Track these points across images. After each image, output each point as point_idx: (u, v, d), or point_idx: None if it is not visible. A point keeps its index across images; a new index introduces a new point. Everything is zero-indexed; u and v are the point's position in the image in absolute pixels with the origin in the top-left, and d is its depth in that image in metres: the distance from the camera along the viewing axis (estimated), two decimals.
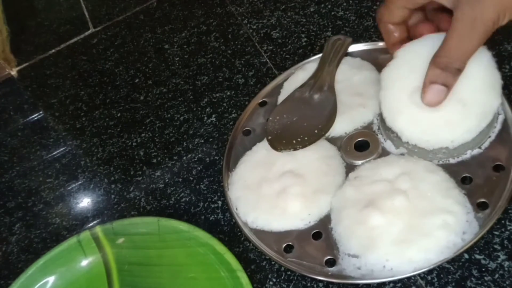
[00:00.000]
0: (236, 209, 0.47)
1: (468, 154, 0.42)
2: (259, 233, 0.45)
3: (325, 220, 0.44)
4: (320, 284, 0.43)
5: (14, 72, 0.71)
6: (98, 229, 0.48)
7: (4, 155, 0.63)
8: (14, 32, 0.75)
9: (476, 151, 0.42)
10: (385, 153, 0.46)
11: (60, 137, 0.63)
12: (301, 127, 0.48)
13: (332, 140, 0.48)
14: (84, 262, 0.48)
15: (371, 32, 0.58)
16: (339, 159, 0.47)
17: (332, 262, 0.42)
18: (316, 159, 0.47)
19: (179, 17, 0.71)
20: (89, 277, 0.48)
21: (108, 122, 0.62)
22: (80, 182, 0.58)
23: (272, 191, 0.46)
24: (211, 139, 0.56)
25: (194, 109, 0.60)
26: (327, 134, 0.48)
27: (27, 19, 0.79)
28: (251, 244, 0.46)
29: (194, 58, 0.65)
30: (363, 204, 0.42)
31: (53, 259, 0.47)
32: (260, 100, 0.55)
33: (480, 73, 0.41)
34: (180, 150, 0.57)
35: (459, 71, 0.40)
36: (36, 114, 0.67)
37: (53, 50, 0.73)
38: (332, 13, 0.62)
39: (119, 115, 0.62)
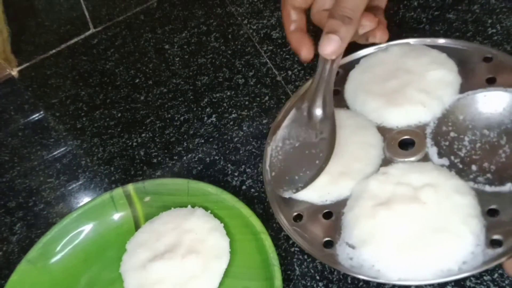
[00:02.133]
0: (267, 164, 0.47)
1: (508, 188, 0.40)
2: (277, 195, 0.46)
3: (341, 204, 0.44)
4: (314, 261, 0.44)
5: (14, 72, 0.72)
6: (130, 187, 0.50)
7: (5, 155, 0.63)
8: (15, 32, 0.75)
9: None
10: (426, 158, 0.44)
11: (61, 137, 0.63)
12: (303, 157, 0.46)
13: (381, 130, 0.47)
14: (116, 217, 0.50)
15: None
16: (380, 151, 0.46)
17: (330, 244, 0.42)
18: (358, 143, 0.46)
19: (179, 18, 0.71)
20: (119, 231, 0.50)
21: (109, 122, 0.62)
22: (80, 182, 0.58)
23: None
24: (211, 139, 0.56)
25: (194, 109, 0.60)
26: (379, 123, 0.47)
27: (27, 20, 0.79)
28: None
29: (194, 58, 0.65)
30: (379, 201, 0.42)
31: (87, 212, 0.49)
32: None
33: None
34: (180, 150, 0.57)
35: (350, 19, 0.42)
36: (37, 114, 0.67)
37: (54, 50, 0.73)
38: None
39: (119, 115, 0.62)
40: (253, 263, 0.44)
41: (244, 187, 0.51)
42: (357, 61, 0.52)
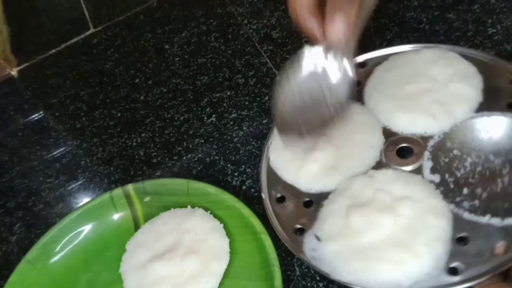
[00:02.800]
0: (271, 143, 0.49)
1: (486, 219, 0.39)
2: (271, 172, 0.48)
3: (324, 196, 0.45)
4: (314, 273, 0.44)
5: (14, 72, 0.72)
6: (130, 187, 0.50)
7: (4, 155, 0.63)
8: (15, 32, 0.75)
9: (496, 221, 0.39)
10: (418, 171, 0.44)
11: (60, 137, 0.63)
12: (312, 112, 0.43)
13: (386, 132, 0.47)
14: (115, 217, 0.50)
15: (371, 32, 0.58)
16: (377, 152, 0.46)
17: (300, 232, 0.43)
18: (357, 141, 0.46)
19: (179, 17, 0.71)
20: (119, 231, 0.49)
21: (108, 122, 0.62)
22: (80, 182, 0.58)
23: (304, 143, 0.46)
24: (211, 139, 0.56)
25: (194, 109, 0.60)
26: (386, 125, 0.47)
27: (27, 19, 0.79)
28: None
29: (194, 58, 0.65)
30: (356, 202, 0.42)
31: (86, 212, 0.49)
32: (361, 62, 0.53)
33: None
34: (180, 150, 0.57)
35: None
36: (36, 114, 0.67)
37: (54, 50, 0.73)
38: None
39: (119, 115, 0.62)
40: (253, 263, 0.44)
41: (244, 187, 0.51)
42: (386, 57, 0.52)
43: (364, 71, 0.52)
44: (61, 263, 0.48)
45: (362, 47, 0.57)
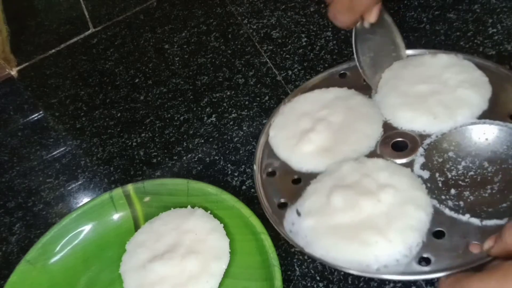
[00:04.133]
0: (273, 121, 0.51)
1: (466, 218, 0.40)
2: (268, 148, 0.50)
3: (313, 176, 0.46)
4: (315, 262, 0.44)
5: (14, 72, 0.72)
6: (130, 187, 0.50)
7: (4, 155, 0.63)
8: (14, 32, 0.75)
9: (475, 220, 0.39)
10: (409, 165, 0.44)
11: (60, 137, 0.63)
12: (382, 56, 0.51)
13: (386, 126, 0.47)
14: (115, 217, 0.50)
15: None
16: (372, 143, 0.47)
17: (283, 206, 0.45)
18: (356, 130, 0.48)
19: (179, 17, 0.71)
20: (119, 231, 0.50)
21: (108, 122, 0.62)
22: (80, 182, 0.58)
23: (305, 125, 0.49)
24: (211, 139, 0.56)
25: (194, 109, 0.60)
26: (388, 119, 0.48)
27: (27, 19, 0.79)
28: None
29: (194, 58, 0.65)
30: (341, 183, 0.43)
31: (86, 212, 0.49)
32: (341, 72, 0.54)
33: None
34: (180, 150, 0.57)
35: None
36: (36, 114, 0.67)
37: (53, 50, 0.73)
38: None
39: (119, 115, 0.62)
40: (253, 263, 0.44)
41: (244, 187, 0.51)
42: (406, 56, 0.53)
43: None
44: (61, 263, 0.48)
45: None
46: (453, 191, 0.42)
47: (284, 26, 0.63)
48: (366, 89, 0.51)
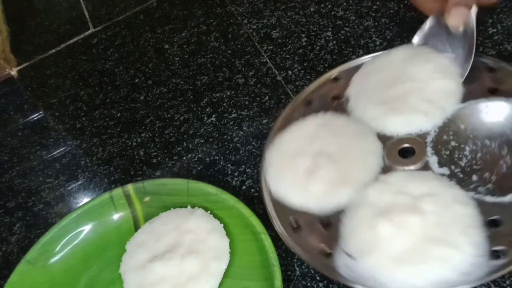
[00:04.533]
0: (266, 170, 0.48)
1: (508, 199, 0.39)
2: (276, 202, 0.46)
3: (339, 212, 0.43)
4: (314, 273, 0.43)
5: (14, 72, 0.72)
6: (130, 187, 0.50)
7: (4, 155, 0.63)
8: (14, 32, 0.75)
9: None
10: (426, 167, 0.43)
11: (60, 137, 0.63)
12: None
13: (382, 137, 0.46)
14: (115, 217, 0.50)
15: (371, 32, 0.58)
16: (379, 158, 0.45)
17: (328, 254, 0.42)
18: (357, 150, 0.46)
19: (179, 17, 0.71)
20: (119, 231, 0.49)
21: (108, 122, 0.62)
22: (80, 182, 0.58)
23: (303, 166, 0.46)
24: (211, 139, 0.56)
25: (194, 109, 0.60)
26: (379, 131, 0.47)
27: (27, 19, 0.79)
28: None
29: (194, 58, 0.65)
30: (379, 210, 0.41)
31: (86, 212, 0.49)
32: (333, 76, 0.53)
33: None
34: (180, 150, 0.57)
35: None
36: (36, 114, 0.67)
37: (53, 50, 0.73)
38: (332, 13, 0.62)
39: (119, 115, 0.62)
40: (253, 263, 0.44)
41: (244, 187, 0.51)
42: (358, 67, 0.52)
43: (340, 84, 0.52)
44: (61, 263, 0.48)
45: (362, 48, 0.57)
46: (474, 177, 0.42)
47: (284, 26, 0.63)
48: (338, 108, 0.50)
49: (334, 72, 0.53)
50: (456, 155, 0.43)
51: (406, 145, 0.45)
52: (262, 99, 0.58)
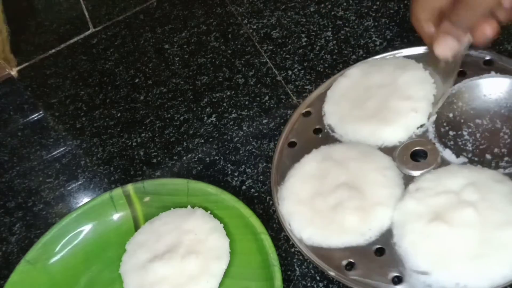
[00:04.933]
0: (289, 225, 0.44)
1: None
2: (317, 249, 0.42)
3: (387, 235, 0.41)
4: (314, 273, 0.43)
5: (14, 72, 0.72)
6: (130, 187, 0.50)
7: (4, 155, 0.63)
8: (14, 32, 0.75)
9: None
10: (445, 162, 0.43)
11: (60, 137, 0.63)
12: None
13: (386, 150, 0.45)
14: (115, 217, 0.50)
15: (371, 32, 0.58)
16: (396, 170, 0.44)
17: (399, 280, 0.39)
18: (371, 170, 0.44)
19: (179, 17, 0.71)
20: (119, 231, 0.50)
21: (108, 122, 0.62)
22: (80, 182, 0.58)
23: (327, 205, 0.43)
24: (211, 139, 0.56)
25: (194, 109, 0.60)
26: (380, 144, 0.46)
27: (27, 19, 0.79)
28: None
29: (194, 58, 0.65)
30: (429, 218, 0.40)
31: (86, 212, 0.49)
32: (304, 111, 0.52)
33: None
34: (180, 150, 0.57)
35: (467, 29, 0.42)
36: (36, 114, 0.67)
37: (53, 50, 0.73)
38: (332, 13, 0.62)
39: (119, 115, 0.62)
40: (253, 263, 0.44)
41: (244, 187, 0.51)
42: (323, 95, 0.52)
43: (314, 117, 0.51)
44: (61, 263, 0.48)
45: (362, 48, 0.57)
46: (488, 156, 0.42)
47: (284, 26, 0.63)
48: (327, 139, 0.49)
49: (301, 109, 0.52)
50: (460, 143, 0.44)
51: (415, 148, 0.45)
52: (262, 99, 0.58)
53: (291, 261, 0.45)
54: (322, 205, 0.44)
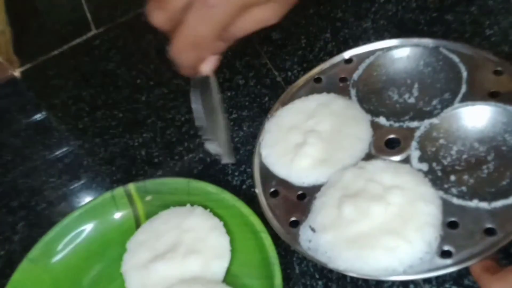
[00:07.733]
0: (262, 139, 0.51)
1: (474, 204, 0.40)
2: (264, 168, 0.49)
3: (316, 188, 0.46)
4: (313, 271, 0.44)
5: (17, 73, 0.72)
6: (131, 186, 0.50)
7: (7, 155, 0.63)
8: (17, 33, 0.75)
9: (484, 204, 0.40)
10: (406, 160, 0.45)
11: (63, 137, 0.63)
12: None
13: (374, 125, 0.48)
14: (117, 216, 0.51)
15: (369, 34, 0.58)
16: (365, 145, 0.47)
17: (295, 224, 0.45)
18: (347, 134, 0.48)
19: None
20: (120, 230, 0.50)
21: (110, 122, 0.62)
22: (82, 182, 0.58)
23: (295, 139, 0.49)
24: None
25: None
26: (373, 119, 0.48)
27: (29, 21, 0.79)
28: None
29: None
30: (347, 193, 0.43)
31: (88, 211, 0.50)
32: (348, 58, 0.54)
33: None
34: (181, 150, 0.57)
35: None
36: (39, 115, 0.67)
37: (56, 51, 0.73)
38: (331, 14, 0.62)
39: (121, 115, 0.63)
40: (253, 261, 0.45)
41: (244, 186, 0.52)
42: (373, 51, 0.53)
43: (351, 66, 0.53)
44: (63, 262, 0.49)
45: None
46: (452, 177, 0.43)
47: (283, 28, 0.64)
48: (343, 91, 0.51)
49: (347, 54, 0.54)
50: (441, 153, 0.44)
51: (394, 136, 0.47)
52: (262, 99, 0.58)
53: (290, 259, 0.46)
54: (291, 137, 0.49)
